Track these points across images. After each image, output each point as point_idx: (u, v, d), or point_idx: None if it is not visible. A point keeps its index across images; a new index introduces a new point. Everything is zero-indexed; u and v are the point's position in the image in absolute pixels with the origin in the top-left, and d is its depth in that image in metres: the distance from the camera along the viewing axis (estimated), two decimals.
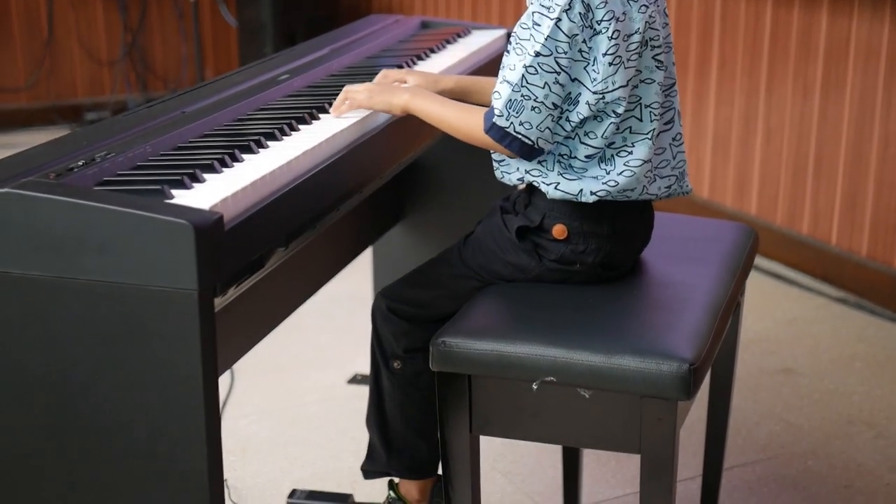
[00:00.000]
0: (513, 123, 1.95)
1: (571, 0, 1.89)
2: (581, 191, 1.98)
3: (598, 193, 1.98)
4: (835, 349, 3.49)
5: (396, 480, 2.34)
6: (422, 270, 2.21)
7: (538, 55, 1.91)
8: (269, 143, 1.91)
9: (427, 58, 2.63)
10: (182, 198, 1.62)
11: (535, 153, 1.98)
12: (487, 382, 1.93)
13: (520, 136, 1.95)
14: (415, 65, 2.57)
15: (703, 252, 2.22)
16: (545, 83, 1.92)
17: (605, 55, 1.92)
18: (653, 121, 2.00)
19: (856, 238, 3.84)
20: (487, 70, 2.62)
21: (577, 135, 1.98)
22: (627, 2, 1.94)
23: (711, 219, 2.49)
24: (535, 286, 2.07)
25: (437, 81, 2.26)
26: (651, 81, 1.99)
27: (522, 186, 2.08)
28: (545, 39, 1.90)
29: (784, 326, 3.66)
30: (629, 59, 1.94)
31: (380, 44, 2.79)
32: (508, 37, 2.04)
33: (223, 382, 3.16)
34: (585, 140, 1.98)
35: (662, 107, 2.03)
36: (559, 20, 1.90)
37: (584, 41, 1.92)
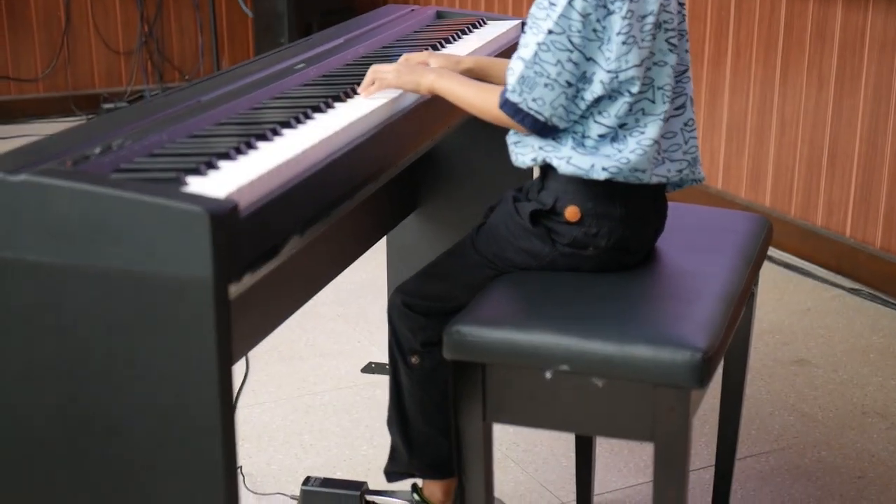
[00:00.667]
0: (525, 99, 1.98)
1: None
2: (592, 166, 1.99)
3: (610, 170, 1.99)
4: (849, 340, 3.49)
5: (420, 484, 2.34)
6: (435, 264, 2.22)
7: (551, 32, 1.95)
8: (285, 132, 1.92)
9: (442, 48, 2.63)
10: (198, 185, 1.61)
11: (548, 130, 2.00)
12: (501, 371, 1.93)
13: (532, 113, 1.98)
14: None
15: (717, 242, 2.23)
16: (558, 60, 1.95)
17: (619, 34, 1.95)
18: (664, 102, 2.02)
19: (870, 229, 3.83)
20: None
21: (592, 114, 2.00)
22: None
23: (725, 209, 2.49)
24: (549, 275, 2.08)
25: (459, 62, 2.30)
26: (664, 64, 2.02)
27: (535, 168, 2.09)
28: (558, 17, 1.94)
29: (798, 317, 3.66)
30: (643, 40, 1.97)
31: (395, 34, 2.79)
32: (523, 26, 2.05)
33: (238, 370, 3.17)
34: (599, 119, 2.00)
35: (674, 91, 2.05)
36: (573, 0, 1.92)
37: (598, 20, 1.95)
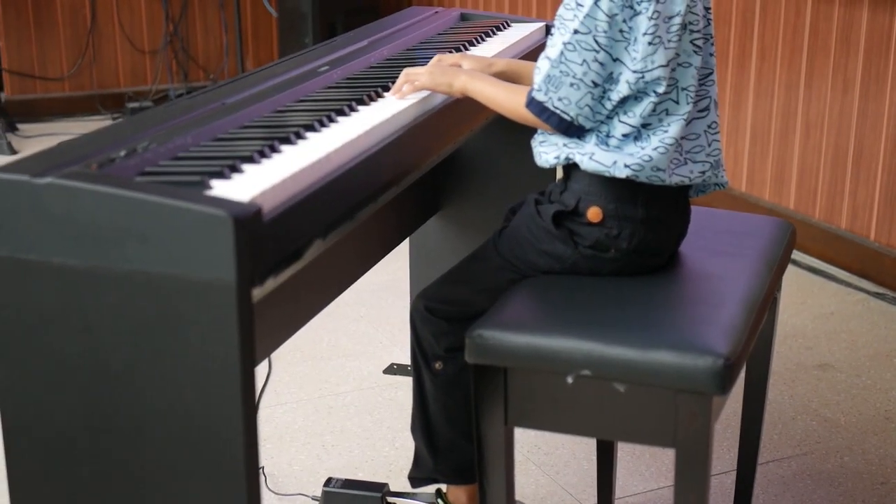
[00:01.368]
0: (551, 98, 1.99)
1: None
2: (615, 163, 1.99)
3: (632, 167, 1.99)
4: (872, 345, 3.47)
5: (444, 489, 2.34)
6: (457, 269, 2.22)
7: (577, 32, 1.96)
8: (309, 135, 1.92)
9: (466, 51, 2.63)
10: (222, 189, 1.62)
11: (574, 130, 2.01)
12: (523, 375, 1.93)
13: (558, 112, 1.99)
14: None
15: (740, 246, 2.22)
16: (583, 60, 1.96)
17: (645, 35, 1.96)
18: (688, 103, 2.03)
19: (895, 233, 3.82)
20: None
21: (617, 113, 2.01)
22: None
23: (748, 213, 2.49)
24: (571, 279, 2.08)
25: (491, 65, 2.32)
26: (688, 65, 2.03)
27: (558, 168, 2.10)
28: (584, 17, 1.96)
29: (821, 321, 3.64)
30: (669, 41, 1.98)
31: (419, 36, 2.80)
32: (548, 30, 2.06)
33: (260, 370, 3.18)
34: (624, 119, 2.00)
35: (698, 94, 2.05)
36: (599, 0, 1.94)
37: (625, 21, 1.96)
